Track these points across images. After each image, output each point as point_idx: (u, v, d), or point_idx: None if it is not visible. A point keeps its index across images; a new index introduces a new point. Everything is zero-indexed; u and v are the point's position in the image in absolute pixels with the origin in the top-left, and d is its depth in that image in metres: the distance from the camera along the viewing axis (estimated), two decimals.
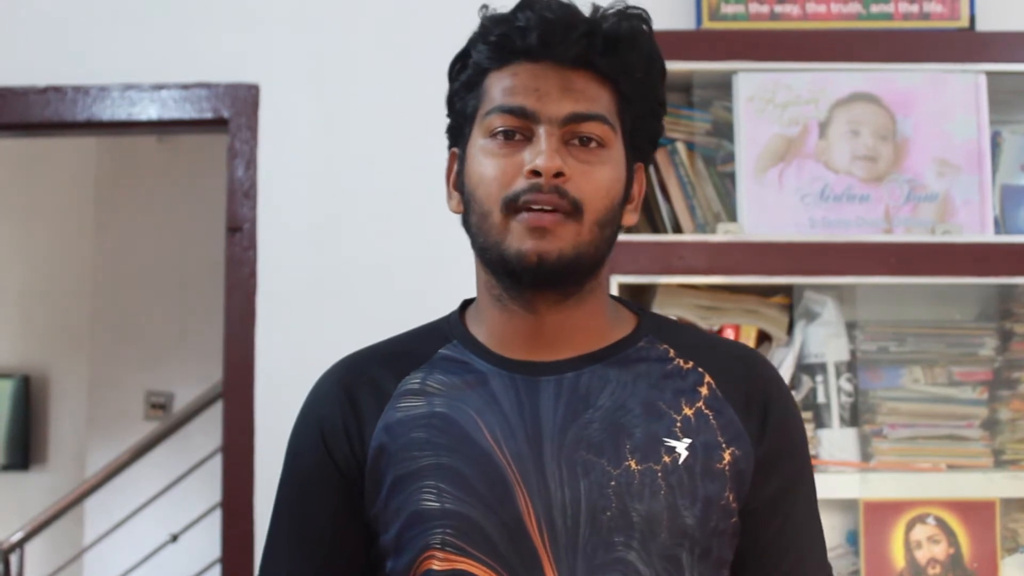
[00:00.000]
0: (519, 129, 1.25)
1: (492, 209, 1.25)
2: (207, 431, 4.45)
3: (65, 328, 5.80)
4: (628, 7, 1.30)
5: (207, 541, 4.38)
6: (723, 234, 2.39)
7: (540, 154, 1.22)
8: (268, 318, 2.57)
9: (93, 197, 5.71)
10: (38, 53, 2.67)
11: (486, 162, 1.26)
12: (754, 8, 2.52)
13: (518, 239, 1.23)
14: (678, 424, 1.27)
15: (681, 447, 1.26)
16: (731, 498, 1.27)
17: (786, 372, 2.42)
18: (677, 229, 2.46)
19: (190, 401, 4.71)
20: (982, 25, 2.52)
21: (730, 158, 2.48)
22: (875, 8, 2.53)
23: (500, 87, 1.27)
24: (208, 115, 2.65)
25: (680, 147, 2.48)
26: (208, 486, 4.33)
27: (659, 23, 2.15)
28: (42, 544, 4.81)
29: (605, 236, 1.27)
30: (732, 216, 2.45)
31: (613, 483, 1.23)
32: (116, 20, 2.67)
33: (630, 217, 1.33)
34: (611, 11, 1.29)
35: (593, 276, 1.30)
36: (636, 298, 2.46)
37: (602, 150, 1.26)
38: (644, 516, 1.23)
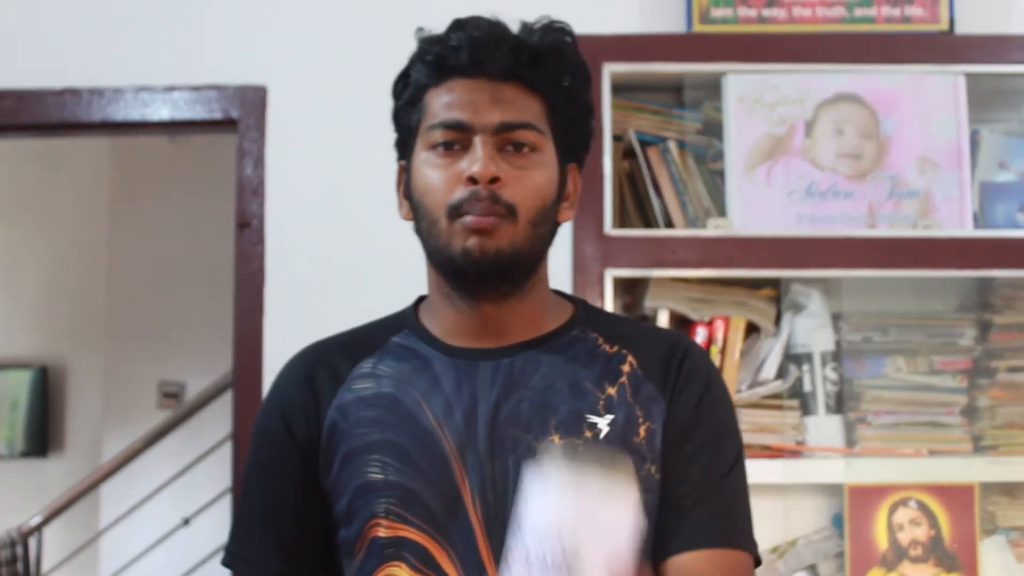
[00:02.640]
0: (457, 140, 1.31)
1: (439, 216, 1.31)
2: (217, 419, 4.45)
3: (81, 321, 5.80)
4: (552, 22, 1.36)
5: (218, 525, 4.38)
6: (713, 229, 2.39)
7: (476, 161, 1.29)
8: (276, 311, 2.57)
9: (107, 195, 5.70)
10: (55, 56, 2.66)
11: (430, 173, 1.32)
12: (743, 12, 2.51)
13: (460, 239, 1.29)
14: (601, 402, 1.32)
15: (603, 423, 1.31)
16: (652, 469, 1.31)
17: (774, 362, 2.42)
18: (669, 224, 2.45)
19: (201, 390, 4.72)
20: (961, 28, 2.52)
21: (720, 156, 2.48)
22: (859, 12, 2.52)
23: (439, 102, 1.33)
24: (218, 116, 2.64)
25: (672, 145, 2.48)
26: (219, 472, 4.33)
27: (651, 26, 2.15)
28: (59, 528, 4.81)
29: (539, 234, 1.33)
30: (722, 212, 2.45)
31: (536, 456, 1.27)
32: (129, 24, 2.67)
33: (566, 214, 1.39)
34: (536, 26, 1.35)
35: (532, 272, 1.36)
36: (630, 291, 2.46)
37: (534, 155, 1.32)
38: None
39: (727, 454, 1.36)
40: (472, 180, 1.28)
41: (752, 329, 2.46)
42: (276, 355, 2.54)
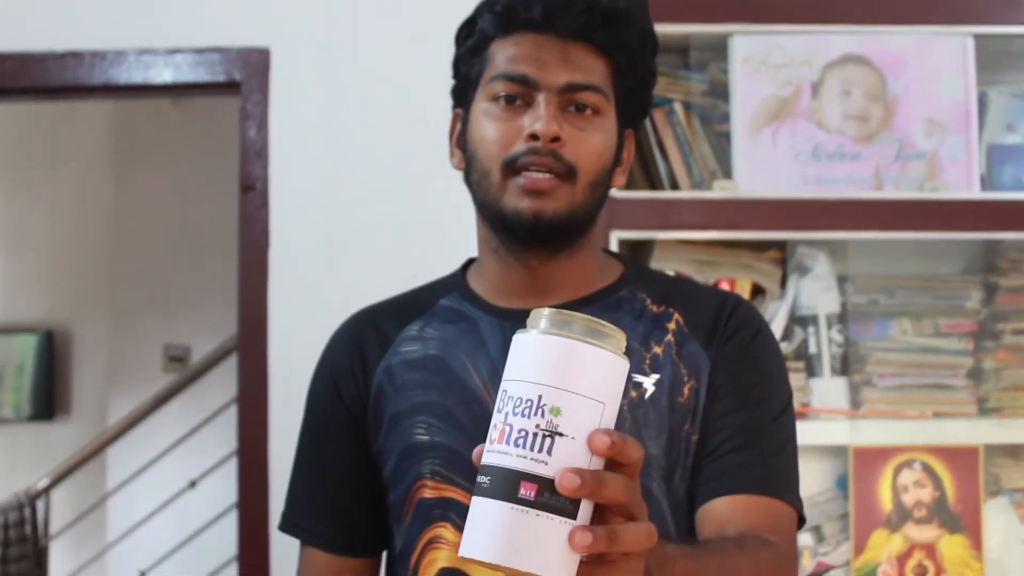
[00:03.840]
0: (520, 95, 1.28)
1: (492, 169, 1.28)
2: (223, 382, 4.46)
3: (86, 285, 5.80)
4: None
5: (224, 487, 4.40)
6: (719, 191, 2.38)
7: (539, 119, 1.26)
8: (280, 273, 2.57)
9: (111, 159, 5.69)
10: (57, 19, 2.65)
11: (488, 125, 1.29)
12: None
13: (515, 198, 1.27)
14: (647, 361, 1.30)
15: (648, 382, 1.29)
16: (689, 429, 1.29)
17: (779, 324, 2.42)
18: (675, 186, 2.45)
19: (206, 354, 4.72)
20: None
21: (726, 118, 2.47)
22: None
23: (504, 55, 1.30)
24: (221, 78, 2.63)
25: (678, 107, 2.46)
26: (224, 434, 4.34)
27: None
28: (66, 491, 4.83)
29: (596, 197, 1.31)
30: (728, 174, 2.44)
31: None
32: None
33: (619, 179, 1.37)
34: None
35: (584, 234, 1.34)
36: (635, 253, 2.46)
37: (596, 118, 1.30)
38: None
39: (775, 401, 1.32)
40: (533, 137, 1.25)
41: (758, 291, 2.46)
42: (281, 318, 2.54)
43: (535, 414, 0.84)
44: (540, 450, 0.83)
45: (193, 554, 4.73)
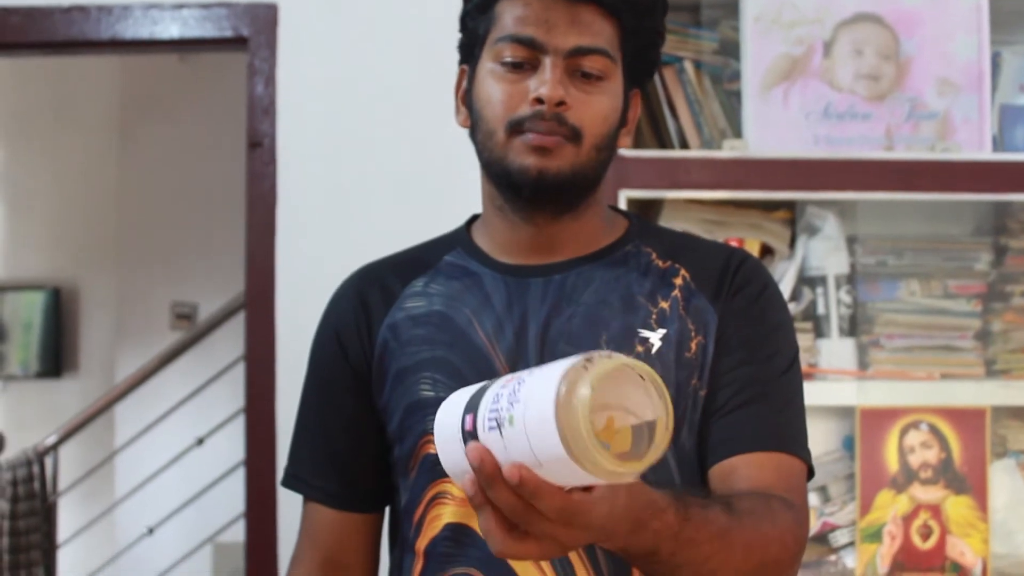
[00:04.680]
0: (527, 59, 1.28)
1: (497, 129, 1.28)
2: (231, 340, 4.47)
3: (93, 242, 5.81)
4: None
5: (232, 444, 4.43)
6: (729, 150, 2.37)
7: (544, 84, 1.25)
8: (288, 230, 2.57)
9: (118, 114, 5.69)
10: None
11: (494, 86, 1.29)
12: None
13: (520, 156, 1.27)
14: (653, 316, 1.30)
15: (655, 337, 1.29)
16: (697, 384, 1.29)
17: (787, 285, 2.42)
18: (684, 145, 2.44)
19: (214, 311, 4.73)
20: None
21: (736, 76, 2.46)
22: None
23: (511, 15, 1.29)
24: (228, 34, 2.62)
25: (688, 66, 2.45)
26: (232, 392, 4.36)
27: None
28: (75, 447, 4.86)
29: (601, 159, 1.31)
30: (738, 133, 2.43)
31: None
32: None
33: (625, 140, 1.37)
34: None
35: (589, 194, 1.34)
36: (644, 212, 2.45)
37: (602, 82, 1.29)
38: None
39: (783, 356, 1.32)
40: (539, 101, 1.25)
41: (766, 251, 2.46)
42: (289, 275, 2.55)
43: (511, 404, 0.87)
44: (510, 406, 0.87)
45: (200, 511, 4.76)
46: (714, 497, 1.20)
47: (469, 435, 0.90)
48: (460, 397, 0.95)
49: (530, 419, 0.84)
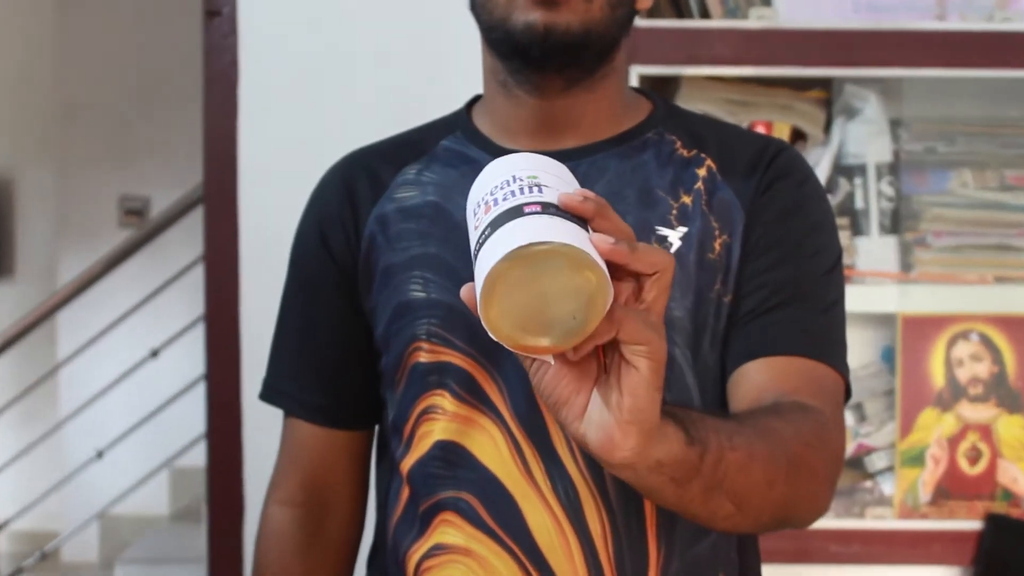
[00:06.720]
0: None
1: None
2: (187, 238, 4.48)
3: (29, 126, 5.79)
4: None
5: (189, 357, 4.46)
6: (756, 20, 2.36)
7: None
8: (252, 112, 2.56)
9: None
10: None
11: None
12: None
13: (524, 11, 1.24)
14: (673, 212, 1.30)
15: (674, 236, 1.29)
16: (720, 290, 1.29)
17: (821, 174, 2.42)
18: (705, 15, 2.43)
19: (168, 205, 4.72)
20: None
21: None
22: None
23: None
24: None
25: None
26: (189, 298, 4.38)
27: None
28: (12, 360, 4.89)
29: (617, 17, 1.29)
30: (767, 0, 2.42)
31: None
32: None
33: (644, 1, 1.35)
34: None
35: (605, 61, 1.32)
36: (659, 91, 2.44)
37: None
38: None
39: (825, 256, 1.32)
40: None
41: (798, 136, 2.46)
42: (253, 163, 2.54)
43: (513, 183, 0.93)
44: (531, 191, 0.93)
45: (156, 432, 4.82)
46: (719, 414, 1.19)
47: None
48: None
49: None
